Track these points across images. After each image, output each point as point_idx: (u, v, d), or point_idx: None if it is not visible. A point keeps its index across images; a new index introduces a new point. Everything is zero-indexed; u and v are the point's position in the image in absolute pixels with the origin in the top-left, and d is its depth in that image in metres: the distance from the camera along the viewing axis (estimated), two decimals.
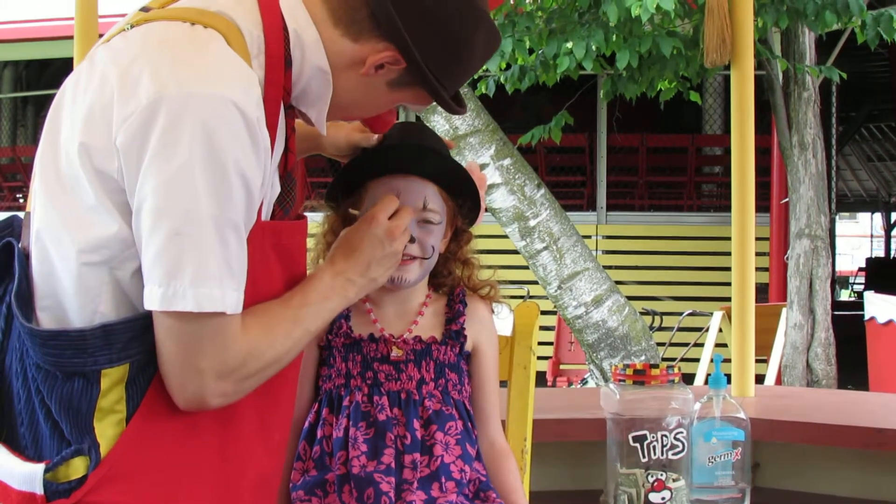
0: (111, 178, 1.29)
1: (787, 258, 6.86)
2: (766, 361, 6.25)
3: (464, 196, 1.85)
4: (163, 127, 1.25)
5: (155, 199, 1.26)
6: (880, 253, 22.21)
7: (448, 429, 1.77)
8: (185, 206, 1.26)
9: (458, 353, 1.84)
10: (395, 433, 1.75)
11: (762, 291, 8.34)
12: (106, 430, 1.32)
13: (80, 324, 1.32)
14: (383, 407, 1.76)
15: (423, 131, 1.87)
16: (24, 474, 1.31)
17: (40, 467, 1.30)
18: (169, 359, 1.32)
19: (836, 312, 6.95)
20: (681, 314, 7.45)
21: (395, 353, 1.80)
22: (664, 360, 5.70)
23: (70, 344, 1.30)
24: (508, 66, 5.50)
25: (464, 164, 1.86)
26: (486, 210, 5.19)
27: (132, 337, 1.32)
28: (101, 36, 1.47)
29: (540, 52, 5.31)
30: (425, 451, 1.75)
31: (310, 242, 1.92)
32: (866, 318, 7.68)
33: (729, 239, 3.03)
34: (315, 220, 1.92)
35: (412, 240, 1.77)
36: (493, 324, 1.92)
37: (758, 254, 3.21)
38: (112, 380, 1.31)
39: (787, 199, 7.09)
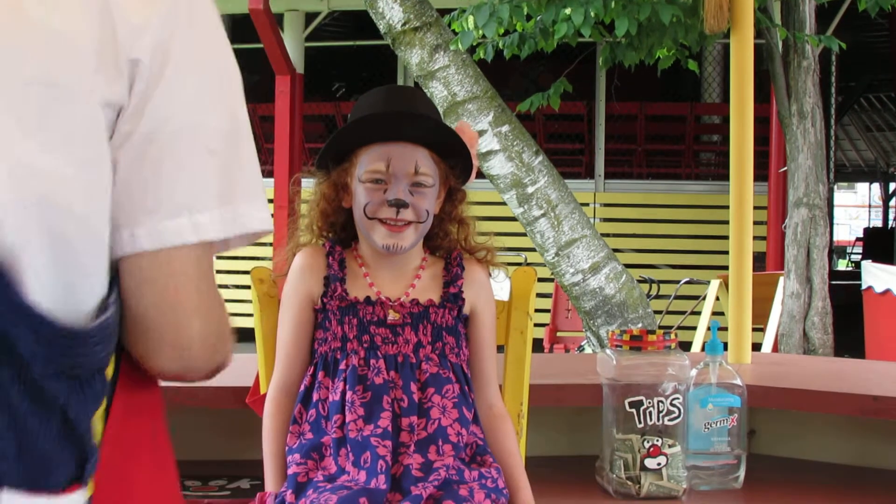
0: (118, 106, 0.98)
1: (785, 227, 6.84)
2: (762, 330, 6.26)
3: (455, 157, 1.85)
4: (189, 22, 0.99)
5: (192, 113, 1.01)
6: (878, 223, 22.18)
7: (445, 392, 1.77)
8: (233, 112, 1.04)
9: (456, 317, 1.84)
10: (391, 396, 1.75)
11: (759, 260, 8.33)
12: (96, 425, 1.02)
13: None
14: (380, 370, 1.76)
15: (412, 96, 1.87)
16: None
17: (82, 495, 0.98)
18: (173, 307, 0.99)
19: (833, 282, 6.95)
20: (678, 282, 7.45)
21: (392, 316, 1.80)
22: (661, 328, 5.71)
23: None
24: (506, 33, 5.46)
25: None
26: (485, 177, 5.19)
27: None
28: None
29: (538, 18, 5.28)
30: (422, 413, 1.75)
31: (304, 209, 1.93)
32: (863, 287, 7.70)
33: (727, 207, 3.02)
34: (309, 188, 1.92)
35: (405, 205, 1.77)
36: (490, 287, 1.92)
37: (755, 222, 3.20)
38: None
39: (785, 168, 7.07)
